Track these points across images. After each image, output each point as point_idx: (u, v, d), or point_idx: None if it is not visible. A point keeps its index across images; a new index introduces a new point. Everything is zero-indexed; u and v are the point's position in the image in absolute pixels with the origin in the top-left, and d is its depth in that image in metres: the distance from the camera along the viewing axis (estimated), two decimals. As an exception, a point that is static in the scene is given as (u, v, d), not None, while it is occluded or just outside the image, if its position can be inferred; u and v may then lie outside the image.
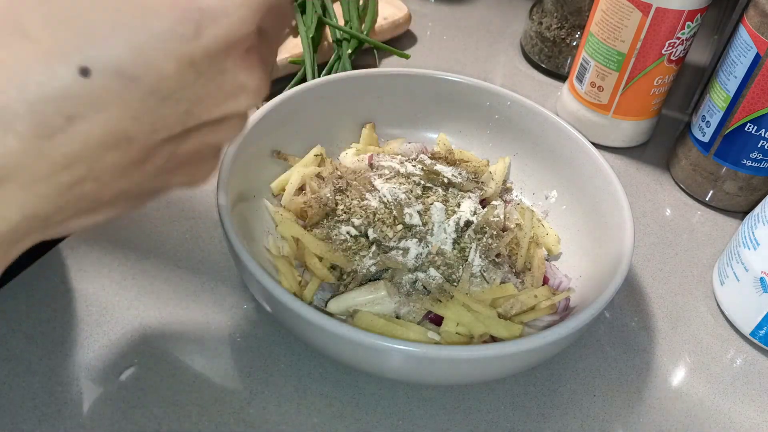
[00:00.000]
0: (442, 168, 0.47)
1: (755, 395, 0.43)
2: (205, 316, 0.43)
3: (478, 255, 0.42)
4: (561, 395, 0.42)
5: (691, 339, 0.46)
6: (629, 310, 0.47)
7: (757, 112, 0.50)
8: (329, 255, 0.42)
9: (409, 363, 0.34)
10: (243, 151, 0.42)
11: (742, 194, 0.54)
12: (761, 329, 0.45)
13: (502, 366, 0.36)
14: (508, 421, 0.40)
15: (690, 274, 0.51)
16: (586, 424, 0.40)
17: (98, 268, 0.44)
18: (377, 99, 0.51)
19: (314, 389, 0.40)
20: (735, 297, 0.46)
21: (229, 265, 0.46)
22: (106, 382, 0.39)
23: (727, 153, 0.53)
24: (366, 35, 0.62)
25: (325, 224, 0.44)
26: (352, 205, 0.44)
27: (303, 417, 0.39)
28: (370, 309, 0.39)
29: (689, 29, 0.53)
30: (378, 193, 0.44)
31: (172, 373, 0.40)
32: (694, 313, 0.48)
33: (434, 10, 0.75)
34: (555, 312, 0.42)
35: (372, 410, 0.39)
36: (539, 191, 0.51)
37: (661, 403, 0.42)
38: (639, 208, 0.55)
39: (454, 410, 0.40)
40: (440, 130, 0.53)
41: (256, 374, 0.40)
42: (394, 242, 0.42)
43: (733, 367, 0.45)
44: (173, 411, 0.38)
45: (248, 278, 0.36)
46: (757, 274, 0.44)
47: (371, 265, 0.41)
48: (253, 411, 0.38)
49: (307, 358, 0.41)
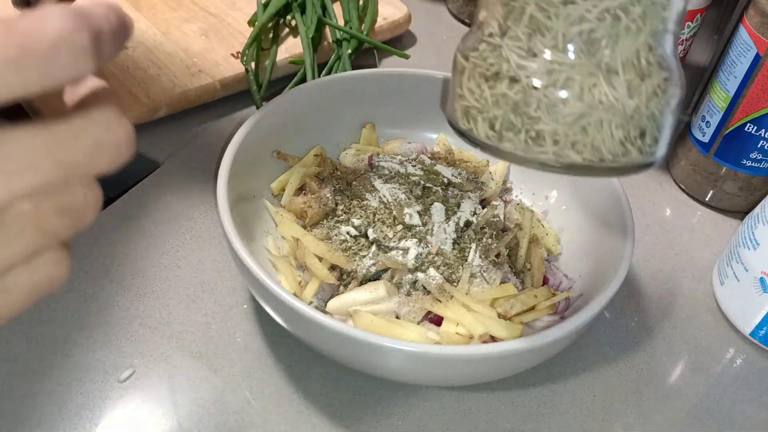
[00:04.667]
0: (442, 168, 0.47)
1: (755, 395, 0.43)
2: (205, 316, 0.43)
3: (478, 255, 0.42)
4: (561, 395, 0.42)
5: (691, 339, 0.46)
6: (629, 310, 0.47)
7: (757, 112, 0.50)
8: (329, 255, 0.42)
9: (409, 363, 0.34)
10: (243, 151, 0.42)
11: (742, 194, 0.54)
12: (761, 329, 0.45)
13: (502, 366, 0.36)
14: (508, 421, 0.40)
15: (690, 274, 0.51)
16: (586, 424, 0.40)
17: (98, 268, 0.44)
18: (377, 99, 0.51)
19: (314, 389, 0.40)
20: (735, 297, 0.46)
21: (229, 265, 0.46)
22: (106, 382, 0.39)
23: (727, 153, 0.53)
24: (366, 35, 0.62)
25: (324, 224, 0.44)
26: (352, 205, 0.44)
27: (303, 417, 0.38)
28: (370, 309, 0.39)
29: (689, 29, 0.53)
30: (378, 193, 0.44)
31: (172, 373, 0.40)
32: (694, 313, 0.48)
33: (434, 10, 0.75)
34: (555, 312, 0.42)
35: (372, 410, 0.39)
36: (539, 191, 0.51)
37: (661, 403, 0.42)
38: (639, 208, 0.55)
39: (454, 410, 0.40)
40: (440, 130, 0.53)
41: (256, 374, 0.40)
42: (394, 242, 0.42)
43: (733, 367, 0.45)
44: (173, 411, 0.38)
45: (248, 278, 0.36)
46: (757, 274, 0.44)
47: (371, 265, 0.41)
48: (253, 411, 0.38)
49: (307, 358, 0.41)
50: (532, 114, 0.30)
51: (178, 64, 0.57)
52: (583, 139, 0.30)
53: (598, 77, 0.29)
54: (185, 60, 0.58)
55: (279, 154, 0.47)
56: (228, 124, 0.56)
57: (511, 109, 0.30)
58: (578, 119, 0.29)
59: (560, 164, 0.30)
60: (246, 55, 0.57)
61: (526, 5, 0.29)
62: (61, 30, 0.18)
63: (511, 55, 0.30)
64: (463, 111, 0.32)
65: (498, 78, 0.30)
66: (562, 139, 0.30)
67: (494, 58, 0.31)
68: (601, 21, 0.29)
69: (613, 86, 0.29)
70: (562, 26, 0.29)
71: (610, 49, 0.29)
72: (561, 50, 0.29)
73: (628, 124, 0.30)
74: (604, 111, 0.29)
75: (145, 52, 0.58)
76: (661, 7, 0.30)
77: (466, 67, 0.32)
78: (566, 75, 0.29)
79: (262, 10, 0.61)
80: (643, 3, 0.29)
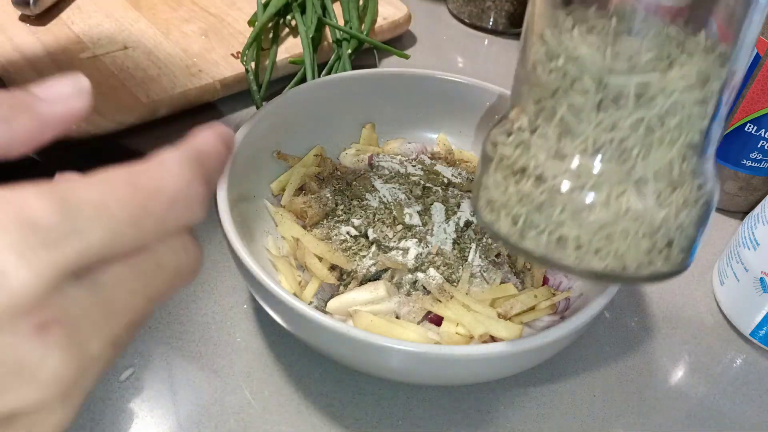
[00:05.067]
0: (442, 168, 0.47)
1: (755, 395, 0.43)
2: (205, 316, 0.43)
3: (477, 255, 0.42)
4: (561, 395, 0.42)
5: (691, 339, 0.46)
6: (629, 310, 0.47)
7: (757, 112, 0.50)
8: (329, 255, 0.42)
9: (409, 363, 0.34)
10: (243, 151, 0.42)
11: (742, 194, 0.54)
12: (761, 329, 0.45)
13: (502, 366, 0.36)
14: (508, 421, 0.40)
15: (690, 274, 0.51)
16: (586, 424, 0.40)
17: (98, 268, 0.44)
18: (377, 99, 0.51)
19: (314, 389, 0.40)
20: (735, 297, 0.46)
21: (229, 265, 0.46)
22: (106, 382, 0.39)
23: (727, 153, 0.53)
24: (366, 35, 0.62)
25: (324, 224, 0.44)
26: (352, 205, 0.44)
27: (303, 417, 0.38)
28: (370, 309, 0.39)
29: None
30: (378, 193, 0.44)
31: (172, 373, 0.40)
32: (694, 313, 0.48)
33: (434, 10, 0.75)
34: (555, 312, 0.42)
35: (372, 410, 0.39)
36: (539, 191, 0.50)
37: (661, 403, 0.42)
38: (639, 208, 0.55)
39: (454, 410, 0.40)
40: (440, 130, 0.53)
41: (256, 374, 0.40)
42: (394, 242, 0.42)
43: (733, 367, 0.45)
44: (173, 411, 0.38)
45: (248, 278, 0.36)
46: (757, 274, 0.44)
47: (371, 265, 0.41)
48: (253, 411, 0.38)
49: (307, 358, 0.41)
50: (556, 217, 0.29)
51: (178, 64, 0.57)
52: (607, 246, 0.28)
53: (626, 186, 0.28)
54: (185, 60, 0.58)
55: (279, 154, 0.47)
56: (228, 124, 0.56)
57: (535, 209, 0.29)
58: (603, 227, 0.28)
59: (581, 269, 0.29)
60: (246, 55, 0.57)
61: (559, 106, 0.28)
62: (180, 185, 0.20)
63: (539, 154, 0.29)
64: (486, 202, 0.31)
65: (524, 174, 0.29)
66: (585, 245, 0.28)
67: (522, 153, 0.30)
68: (634, 130, 0.28)
69: (643, 196, 0.28)
70: (593, 132, 0.28)
71: (641, 158, 0.28)
72: (590, 155, 0.28)
73: (655, 234, 0.28)
74: (630, 221, 0.28)
75: (145, 52, 0.58)
76: (699, 118, 0.28)
77: (493, 158, 0.31)
78: (594, 181, 0.28)
79: (262, 10, 0.61)
80: (679, 115, 0.28)
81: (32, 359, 0.17)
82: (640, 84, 0.27)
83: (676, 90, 0.27)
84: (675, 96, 0.27)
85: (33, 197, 0.17)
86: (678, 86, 0.27)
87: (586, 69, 0.28)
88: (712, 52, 0.28)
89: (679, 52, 0.27)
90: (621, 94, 0.27)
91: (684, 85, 0.27)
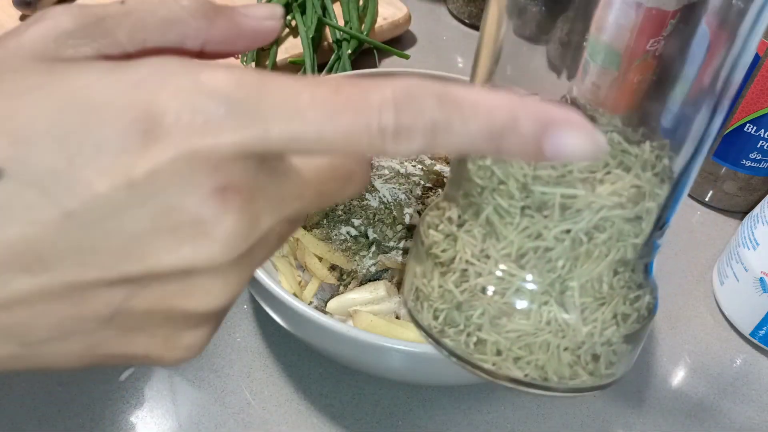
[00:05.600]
0: (442, 168, 0.47)
1: (755, 395, 0.43)
2: (205, 316, 0.43)
3: (477, 255, 0.42)
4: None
5: (691, 339, 0.46)
6: (629, 310, 0.47)
7: (756, 112, 0.50)
8: (329, 255, 0.42)
9: (409, 363, 0.34)
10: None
11: (741, 194, 0.54)
12: (761, 329, 0.45)
13: (502, 366, 0.36)
14: (508, 421, 0.40)
15: (690, 274, 0.51)
16: (586, 424, 0.40)
17: (98, 268, 0.44)
18: (377, 99, 0.51)
19: (314, 389, 0.40)
20: (735, 297, 0.46)
21: (229, 265, 0.45)
22: (106, 382, 0.39)
23: (726, 153, 0.53)
24: (366, 35, 0.62)
25: (324, 224, 0.44)
26: (352, 205, 0.44)
27: (303, 417, 0.39)
28: (369, 309, 0.39)
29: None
30: (378, 193, 0.44)
31: (172, 373, 0.40)
32: (694, 313, 0.48)
33: (434, 10, 0.75)
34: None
35: (372, 410, 0.39)
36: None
37: (661, 403, 0.42)
38: (639, 208, 0.55)
39: (454, 410, 0.40)
40: (440, 130, 0.53)
41: (256, 374, 0.40)
42: (394, 242, 0.42)
43: (733, 367, 0.45)
44: (173, 411, 0.38)
45: (248, 278, 0.36)
46: (757, 274, 0.44)
47: (371, 265, 0.41)
48: (253, 411, 0.38)
49: (307, 358, 0.41)
50: (475, 319, 0.27)
51: (178, 64, 0.57)
52: (527, 356, 0.27)
53: (550, 297, 0.27)
54: (185, 60, 0.58)
55: (279, 154, 0.47)
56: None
57: (454, 307, 0.28)
58: (522, 336, 0.27)
59: (501, 376, 0.28)
60: (246, 56, 0.57)
61: (485, 205, 0.27)
62: (386, 98, 0.18)
63: (466, 249, 0.28)
64: (412, 288, 0.30)
65: (449, 268, 0.28)
66: (505, 351, 0.27)
67: (449, 246, 0.28)
68: (559, 241, 0.26)
69: (566, 309, 0.27)
70: (518, 238, 0.26)
71: (567, 271, 0.26)
72: (513, 260, 0.27)
73: (578, 349, 0.27)
74: (551, 333, 0.27)
75: (146, 52, 0.58)
76: (632, 236, 0.27)
77: (425, 242, 0.30)
78: (516, 288, 0.27)
79: (262, 11, 0.61)
80: (608, 231, 0.26)
81: (209, 217, 0.17)
82: (565, 195, 0.26)
83: (605, 206, 0.26)
84: (603, 212, 0.26)
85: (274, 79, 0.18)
86: (607, 203, 0.26)
87: (510, 173, 0.26)
88: (651, 168, 0.26)
89: (616, 164, 0.26)
90: (545, 203, 0.26)
91: (614, 202, 0.26)
